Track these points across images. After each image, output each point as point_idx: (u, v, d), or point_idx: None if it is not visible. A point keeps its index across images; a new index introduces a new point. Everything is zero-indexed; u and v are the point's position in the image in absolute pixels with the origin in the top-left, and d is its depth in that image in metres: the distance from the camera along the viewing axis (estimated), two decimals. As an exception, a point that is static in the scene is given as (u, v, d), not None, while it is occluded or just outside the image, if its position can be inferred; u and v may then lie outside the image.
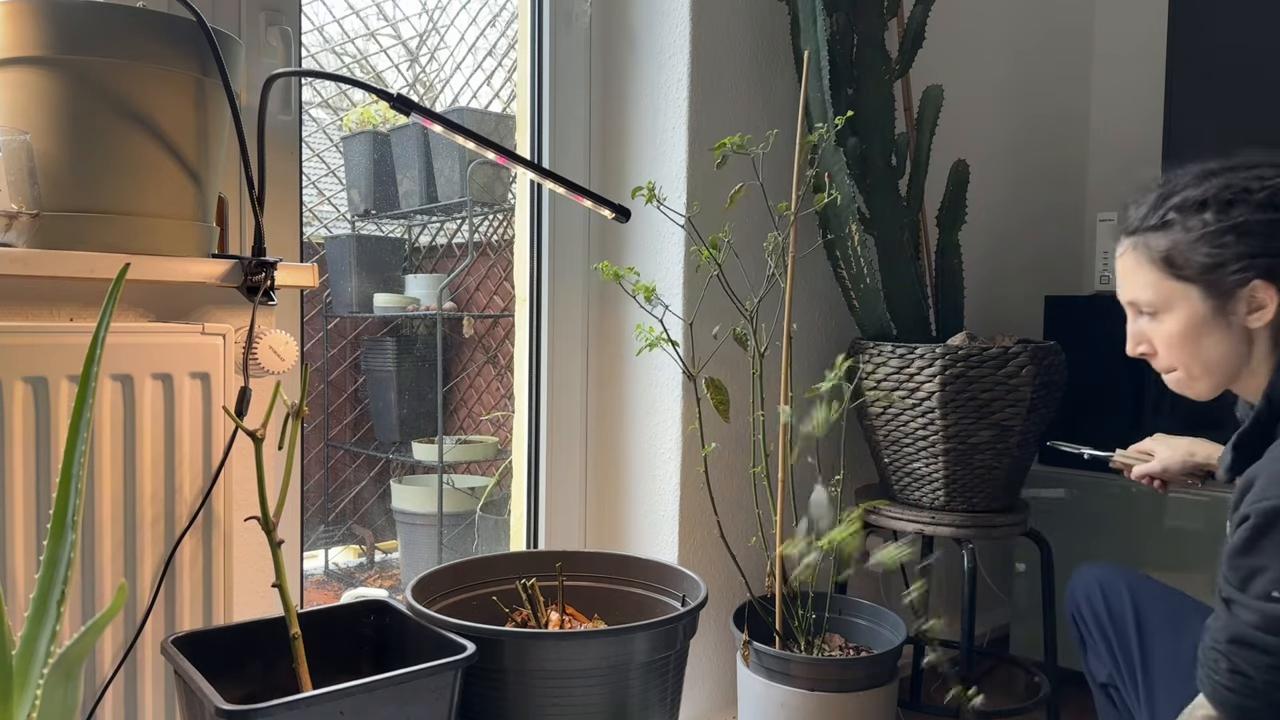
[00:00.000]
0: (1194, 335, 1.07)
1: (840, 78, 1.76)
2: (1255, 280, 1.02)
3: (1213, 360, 1.08)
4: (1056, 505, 2.22)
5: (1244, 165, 1.06)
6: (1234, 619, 1.00)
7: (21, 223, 0.98)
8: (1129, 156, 2.64)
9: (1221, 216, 1.02)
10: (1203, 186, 1.05)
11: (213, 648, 1.10)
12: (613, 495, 1.90)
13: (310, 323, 3.04)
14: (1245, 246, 1.01)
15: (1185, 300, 1.06)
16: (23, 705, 0.70)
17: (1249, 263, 1.01)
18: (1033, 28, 2.52)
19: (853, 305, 1.83)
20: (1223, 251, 1.02)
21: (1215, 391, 1.12)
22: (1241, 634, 0.99)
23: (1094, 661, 1.40)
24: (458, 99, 3.17)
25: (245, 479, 1.15)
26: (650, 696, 1.27)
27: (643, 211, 1.71)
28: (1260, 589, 0.97)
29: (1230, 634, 1.00)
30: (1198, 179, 1.07)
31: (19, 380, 1.00)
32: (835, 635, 1.66)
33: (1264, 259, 1.01)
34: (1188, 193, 1.06)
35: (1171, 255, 1.06)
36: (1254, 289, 1.02)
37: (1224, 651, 1.00)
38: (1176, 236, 1.05)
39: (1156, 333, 1.11)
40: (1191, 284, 1.05)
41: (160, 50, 1.03)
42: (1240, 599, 0.99)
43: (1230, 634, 1.00)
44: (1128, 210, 1.13)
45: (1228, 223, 1.02)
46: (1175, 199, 1.07)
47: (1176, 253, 1.05)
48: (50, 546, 0.72)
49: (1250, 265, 1.01)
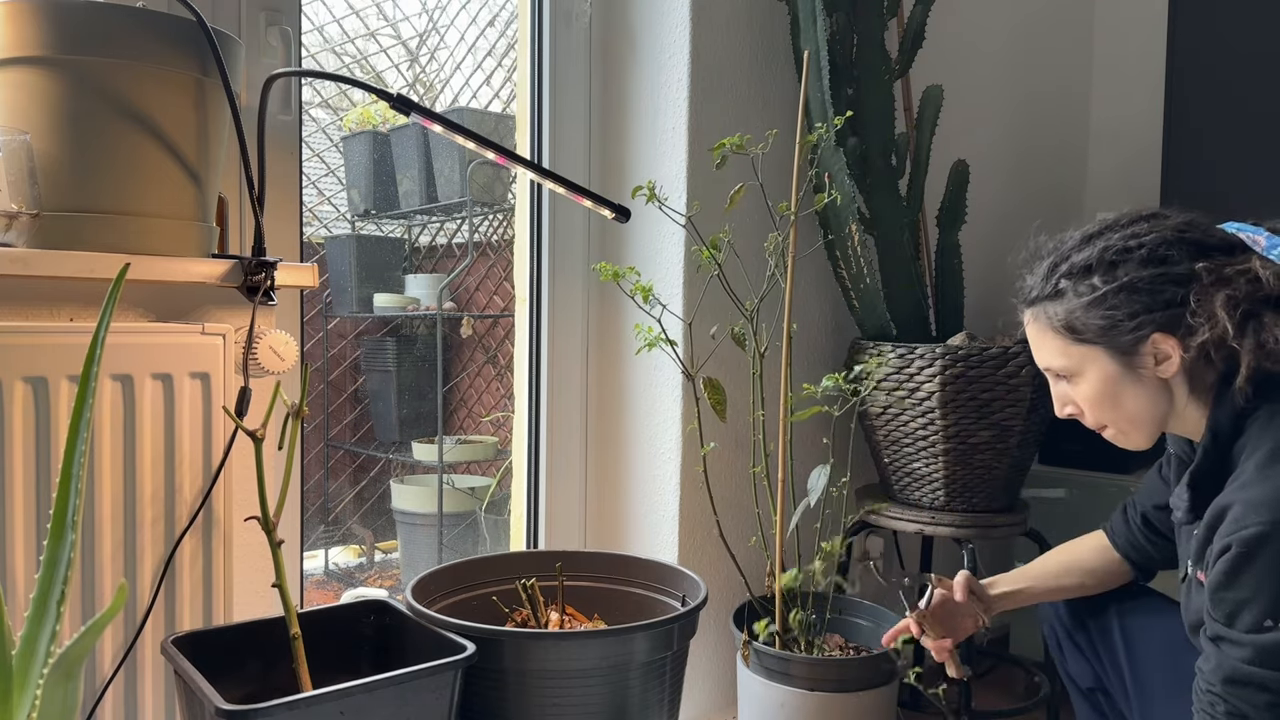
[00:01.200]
0: (1111, 394, 1.09)
1: (840, 78, 1.76)
2: (1154, 334, 1.04)
3: (1136, 413, 1.10)
4: (1056, 505, 2.22)
5: (1120, 224, 1.09)
6: (1225, 657, 0.98)
7: (21, 223, 0.98)
8: (1129, 156, 2.64)
9: (1108, 278, 1.05)
10: (1085, 251, 1.08)
11: (213, 648, 1.10)
12: (613, 495, 1.90)
13: (310, 323, 3.04)
14: (1136, 304, 1.04)
15: (1094, 362, 1.08)
16: (23, 705, 0.70)
17: (1143, 318, 1.04)
18: (1033, 28, 2.52)
19: (853, 305, 1.83)
20: (1115, 312, 1.05)
21: (1151, 440, 1.13)
22: (1236, 672, 0.97)
23: (1075, 667, 1.40)
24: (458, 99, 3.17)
25: (245, 479, 1.15)
26: (650, 696, 1.27)
27: (643, 211, 1.71)
28: (1250, 622, 0.95)
29: (1225, 674, 0.98)
30: (1081, 244, 1.09)
31: (19, 380, 1.00)
32: (835, 635, 1.66)
33: (1156, 313, 1.03)
34: (1074, 258, 1.09)
35: (1070, 322, 1.08)
36: (1154, 342, 1.04)
37: (1220, 694, 0.98)
38: (1071, 303, 1.08)
39: (1077, 395, 1.13)
40: (1095, 346, 1.08)
41: (160, 50, 1.03)
42: (1230, 634, 0.97)
43: (1225, 674, 0.98)
44: (1025, 280, 1.16)
45: (1115, 284, 1.04)
46: (1064, 266, 1.10)
47: (1074, 319, 1.08)
48: (50, 546, 0.72)
49: (1145, 321, 1.04)
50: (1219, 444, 1.05)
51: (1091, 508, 2.16)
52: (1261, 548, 0.94)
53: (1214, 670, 0.99)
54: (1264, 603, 0.94)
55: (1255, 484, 0.98)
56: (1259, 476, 0.98)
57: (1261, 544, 0.94)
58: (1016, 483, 1.81)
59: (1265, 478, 0.97)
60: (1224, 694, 0.98)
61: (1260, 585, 0.94)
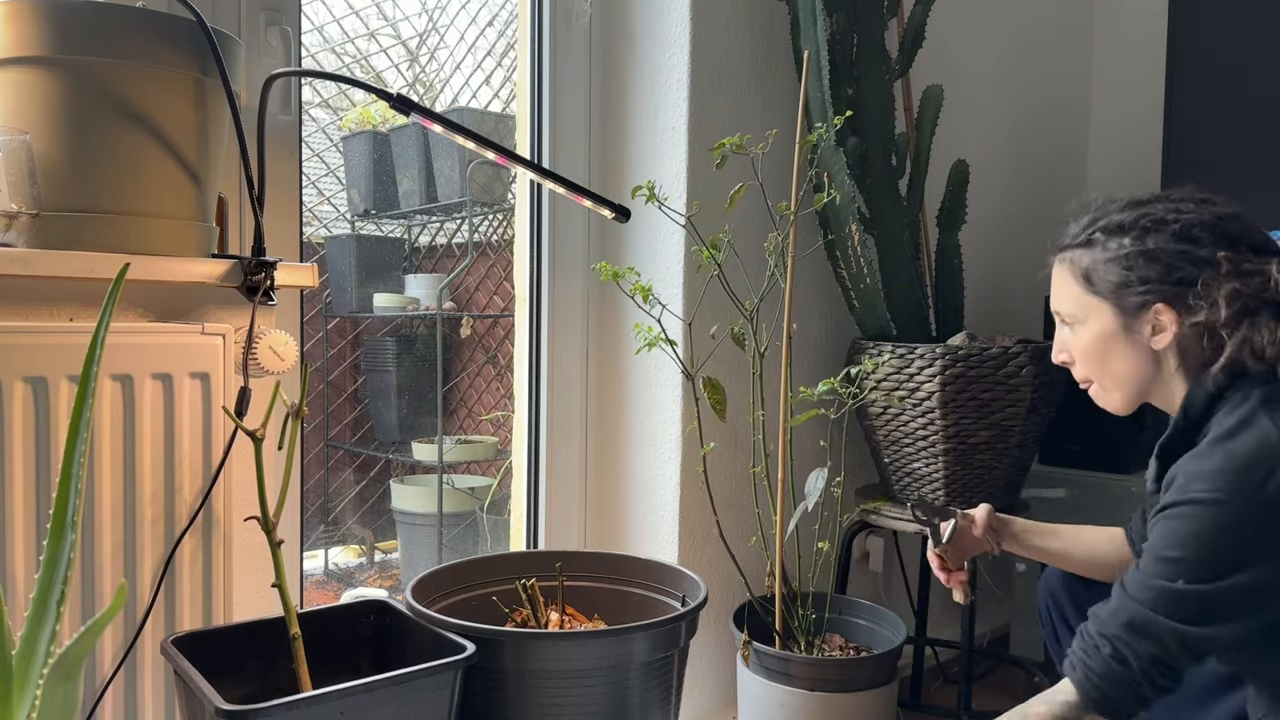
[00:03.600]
0: (1103, 348, 1.14)
1: (840, 78, 1.76)
2: (1157, 304, 1.09)
3: (1120, 374, 1.14)
4: (1056, 505, 2.22)
5: (1170, 198, 1.13)
6: (1131, 602, 1.03)
7: (21, 223, 0.98)
8: (1129, 156, 2.64)
9: (1137, 242, 1.10)
10: (1126, 214, 1.13)
11: (213, 648, 1.10)
12: (613, 495, 1.90)
13: (310, 323, 3.04)
14: (1153, 271, 1.09)
15: (1098, 315, 1.14)
16: (23, 705, 0.70)
17: (1153, 287, 1.09)
18: (1033, 28, 2.52)
19: (853, 305, 1.83)
20: (1130, 274, 1.10)
21: (1130, 405, 1.17)
22: (1138, 616, 1.02)
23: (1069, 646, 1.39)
24: (458, 99, 3.16)
25: (245, 479, 1.15)
26: (650, 696, 1.27)
27: (643, 211, 1.71)
28: (1167, 573, 1.01)
29: (1126, 617, 1.03)
30: (1127, 206, 1.14)
31: (19, 380, 1.00)
32: (835, 635, 1.66)
33: (1168, 285, 1.08)
34: (1114, 217, 1.14)
35: (1090, 272, 1.14)
36: (1157, 312, 1.09)
37: (1110, 636, 1.04)
38: (1096, 255, 1.13)
39: (1075, 343, 1.18)
40: (1104, 300, 1.13)
41: (160, 50, 1.03)
42: (1144, 580, 1.03)
43: (1126, 617, 1.03)
44: (1066, 228, 1.21)
45: (1140, 249, 1.09)
46: (1102, 221, 1.15)
47: (1094, 270, 1.13)
48: (50, 546, 0.72)
49: (1154, 289, 1.09)
50: (1189, 420, 1.10)
51: (1091, 508, 2.16)
52: (1194, 513, 1.00)
53: (1113, 614, 1.05)
54: (1186, 564, 1.00)
55: (1204, 456, 1.03)
56: (1208, 450, 1.03)
57: (1195, 510, 1.00)
58: (1016, 483, 1.81)
59: (1214, 452, 1.02)
60: (1116, 636, 1.03)
61: (1186, 548, 1.00)
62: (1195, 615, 1.00)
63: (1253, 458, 0.99)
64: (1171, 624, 1.01)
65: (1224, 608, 1.00)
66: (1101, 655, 1.05)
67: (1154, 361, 1.12)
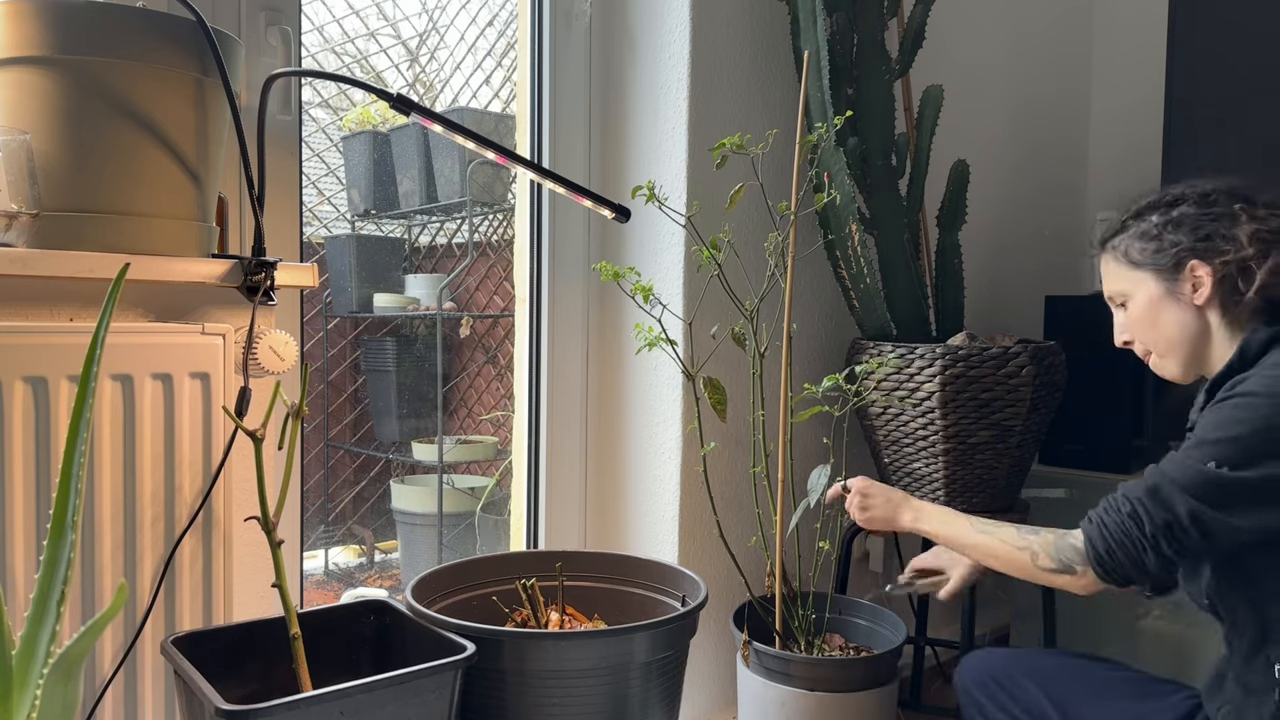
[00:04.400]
0: (1153, 313, 1.24)
1: (840, 78, 1.76)
2: (1191, 260, 1.19)
3: (1172, 336, 1.23)
4: (1056, 505, 2.22)
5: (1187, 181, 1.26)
6: (1161, 475, 1.12)
7: (21, 223, 0.98)
8: (1130, 156, 2.64)
9: (1164, 215, 1.23)
10: (1151, 197, 1.27)
11: (213, 648, 1.10)
12: (613, 495, 1.90)
13: (310, 323, 3.04)
14: (1179, 235, 1.20)
15: (1143, 285, 1.24)
16: (23, 705, 0.70)
17: (1184, 245, 1.20)
18: (1033, 28, 2.52)
19: (853, 305, 1.83)
20: (1161, 240, 1.22)
21: (1187, 369, 1.25)
22: (1162, 485, 1.11)
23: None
24: (458, 99, 3.16)
25: (245, 479, 1.15)
26: (650, 696, 1.27)
27: (643, 211, 1.71)
28: (1201, 455, 1.09)
29: (1151, 483, 1.12)
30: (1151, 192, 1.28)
31: (19, 380, 1.00)
32: (835, 635, 1.66)
33: (1196, 243, 1.19)
34: (1141, 203, 1.27)
35: (1129, 250, 1.26)
36: (1192, 268, 1.19)
37: (1133, 498, 1.13)
38: (1131, 235, 1.26)
39: (1129, 319, 1.28)
40: (1143, 269, 1.24)
41: (160, 50, 1.03)
42: (1180, 458, 1.11)
43: (1151, 483, 1.12)
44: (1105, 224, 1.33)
45: (1167, 218, 1.22)
46: (1133, 209, 1.28)
47: (1131, 247, 1.25)
48: (50, 546, 0.72)
49: (1185, 249, 1.20)
50: (1244, 360, 1.17)
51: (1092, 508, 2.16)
52: (1244, 404, 1.09)
53: (1139, 484, 1.14)
54: (1224, 447, 1.08)
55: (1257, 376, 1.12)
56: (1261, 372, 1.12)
57: (1246, 401, 1.09)
58: (1016, 483, 1.81)
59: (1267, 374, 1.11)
60: (1138, 498, 1.12)
61: (1228, 432, 1.09)
62: (1217, 499, 1.07)
63: None
64: (1191, 500, 1.08)
65: (1246, 498, 1.07)
66: (1120, 513, 1.13)
67: (1200, 319, 1.20)
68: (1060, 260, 2.67)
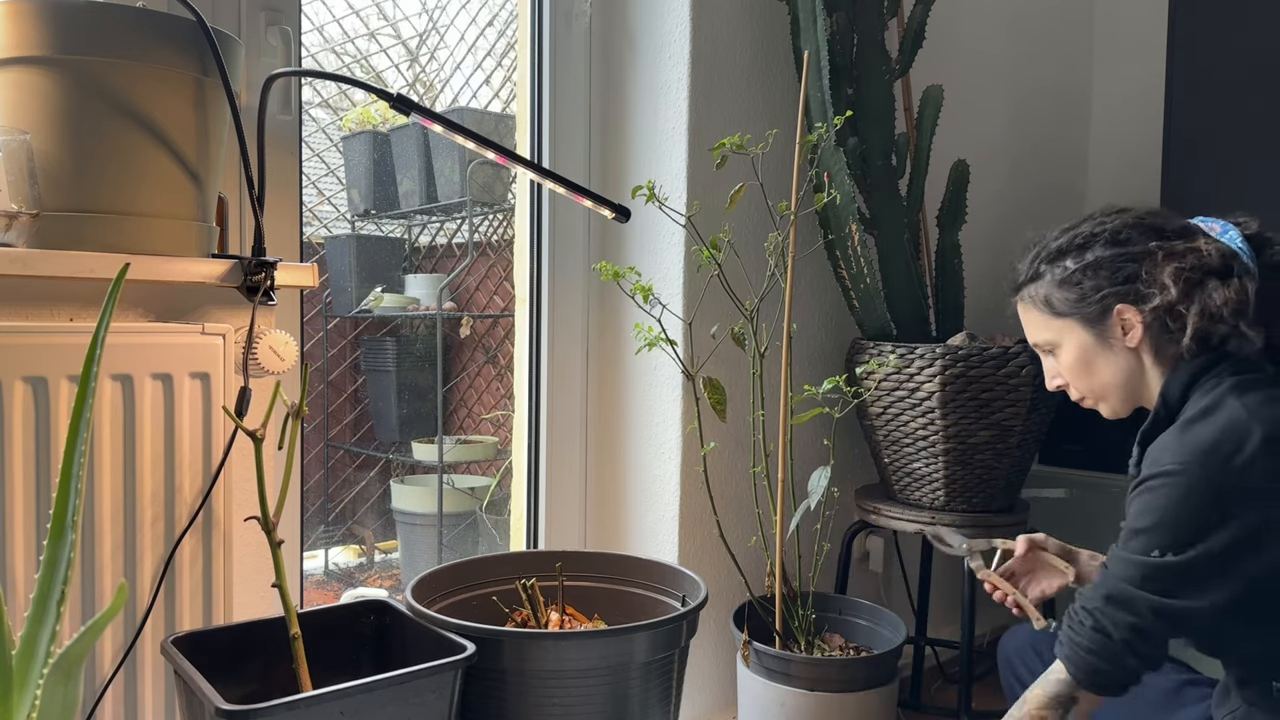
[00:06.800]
0: (1086, 361, 1.21)
1: (840, 78, 1.76)
2: (1117, 305, 1.16)
3: (1109, 382, 1.21)
4: (1056, 505, 2.22)
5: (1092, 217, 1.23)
6: (1111, 576, 1.09)
7: (21, 223, 0.98)
8: (1130, 155, 2.64)
9: (1078, 259, 1.20)
10: (1060, 240, 1.23)
11: (213, 648, 1.10)
12: (613, 495, 1.90)
13: (310, 323, 3.04)
14: (1100, 279, 1.17)
15: (1071, 334, 1.22)
16: (23, 705, 0.70)
17: (1107, 291, 1.17)
18: (1033, 27, 2.52)
19: (853, 305, 1.83)
20: (1082, 287, 1.19)
21: (1126, 408, 1.24)
22: (1116, 590, 1.07)
23: None
24: (458, 99, 3.16)
25: (245, 479, 1.15)
26: (650, 696, 1.27)
27: (643, 211, 1.71)
28: (1140, 546, 1.06)
29: (1106, 590, 1.09)
30: (1058, 234, 1.25)
31: (19, 380, 1.00)
32: (835, 635, 1.66)
33: (1118, 286, 1.16)
34: (1050, 246, 1.24)
35: (1048, 298, 1.23)
36: (1119, 313, 1.16)
37: (1092, 609, 1.09)
38: (1047, 282, 1.23)
39: (1061, 366, 1.25)
40: (1069, 319, 1.21)
41: (160, 50, 1.03)
42: (1122, 555, 1.08)
43: (1106, 590, 1.09)
44: (1015, 269, 1.30)
45: (1082, 264, 1.19)
46: (1042, 253, 1.25)
47: (1051, 296, 1.22)
48: (50, 547, 0.72)
49: (1109, 294, 1.17)
50: (1168, 407, 1.15)
51: (1091, 508, 2.16)
52: (1165, 485, 1.06)
53: (1096, 589, 1.11)
54: (1158, 534, 1.05)
55: (1176, 435, 1.09)
56: (1180, 430, 1.09)
57: (1165, 481, 1.06)
58: (1016, 483, 1.81)
59: (1185, 432, 1.08)
60: (1098, 609, 1.09)
61: (1157, 517, 1.05)
62: (1169, 587, 1.05)
63: (1221, 434, 1.04)
64: (1147, 595, 1.05)
65: (1196, 578, 1.04)
66: (1085, 629, 1.10)
67: (1135, 360, 1.18)
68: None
